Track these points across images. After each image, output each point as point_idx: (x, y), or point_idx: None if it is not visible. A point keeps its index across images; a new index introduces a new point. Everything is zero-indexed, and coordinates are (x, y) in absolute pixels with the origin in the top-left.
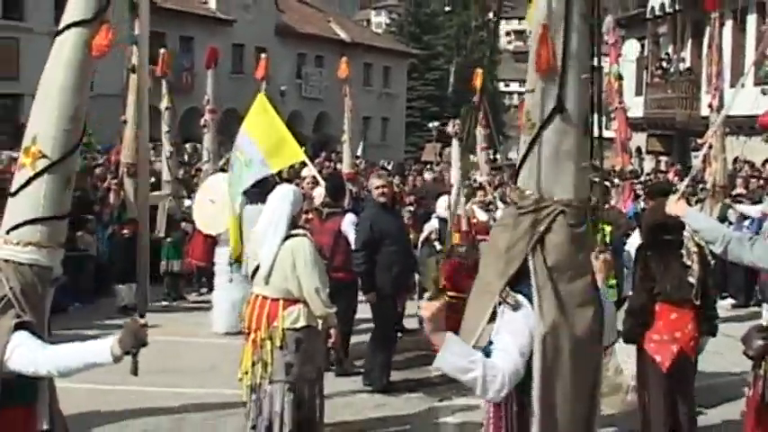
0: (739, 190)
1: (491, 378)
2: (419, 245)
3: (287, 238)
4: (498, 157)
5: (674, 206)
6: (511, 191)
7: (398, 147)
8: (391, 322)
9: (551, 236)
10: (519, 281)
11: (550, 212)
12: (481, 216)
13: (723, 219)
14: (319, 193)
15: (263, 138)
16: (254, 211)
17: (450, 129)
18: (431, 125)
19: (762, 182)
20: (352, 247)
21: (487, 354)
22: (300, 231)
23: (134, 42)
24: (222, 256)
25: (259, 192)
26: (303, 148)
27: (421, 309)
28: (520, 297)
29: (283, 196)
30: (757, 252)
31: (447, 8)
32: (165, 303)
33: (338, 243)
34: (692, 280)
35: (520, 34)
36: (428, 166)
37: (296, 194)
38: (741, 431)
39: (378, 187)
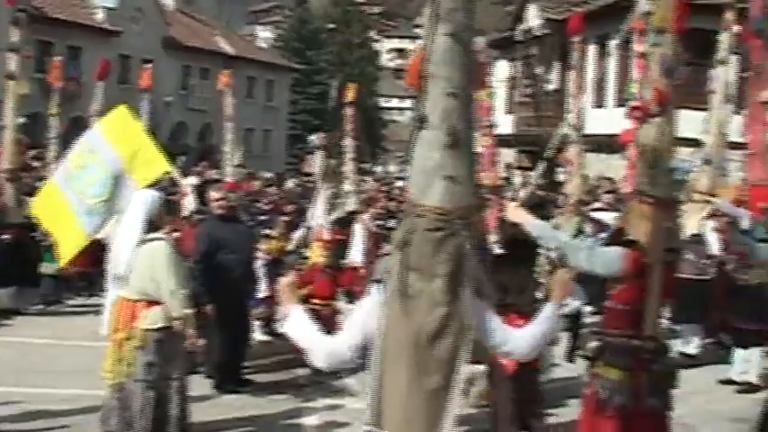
0: (598, 204)
1: (309, 351)
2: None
3: (147, 241)
4: (379, 168)
5: (514, 212)
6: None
7: (280, 158)
8: (233, 325)
9: (413, 237)
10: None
11: (412, 217)
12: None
13: (580, 231)
14: (189, 202)
15: (125, 150)
16: None
17: (315, 140)
18: (312, 137)
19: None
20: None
21: None
22: (159, 235)
23: (11, 49)
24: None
25: None
26: (176, 157)
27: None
28: (375, 287)
29: (140, 201)
30: (589, 259)
31: (330, 25)
32: (41, 307)
33: None
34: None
35: (400, 52)
36: (308, 178)
37: (153, 199)
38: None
39: (216, 200)
